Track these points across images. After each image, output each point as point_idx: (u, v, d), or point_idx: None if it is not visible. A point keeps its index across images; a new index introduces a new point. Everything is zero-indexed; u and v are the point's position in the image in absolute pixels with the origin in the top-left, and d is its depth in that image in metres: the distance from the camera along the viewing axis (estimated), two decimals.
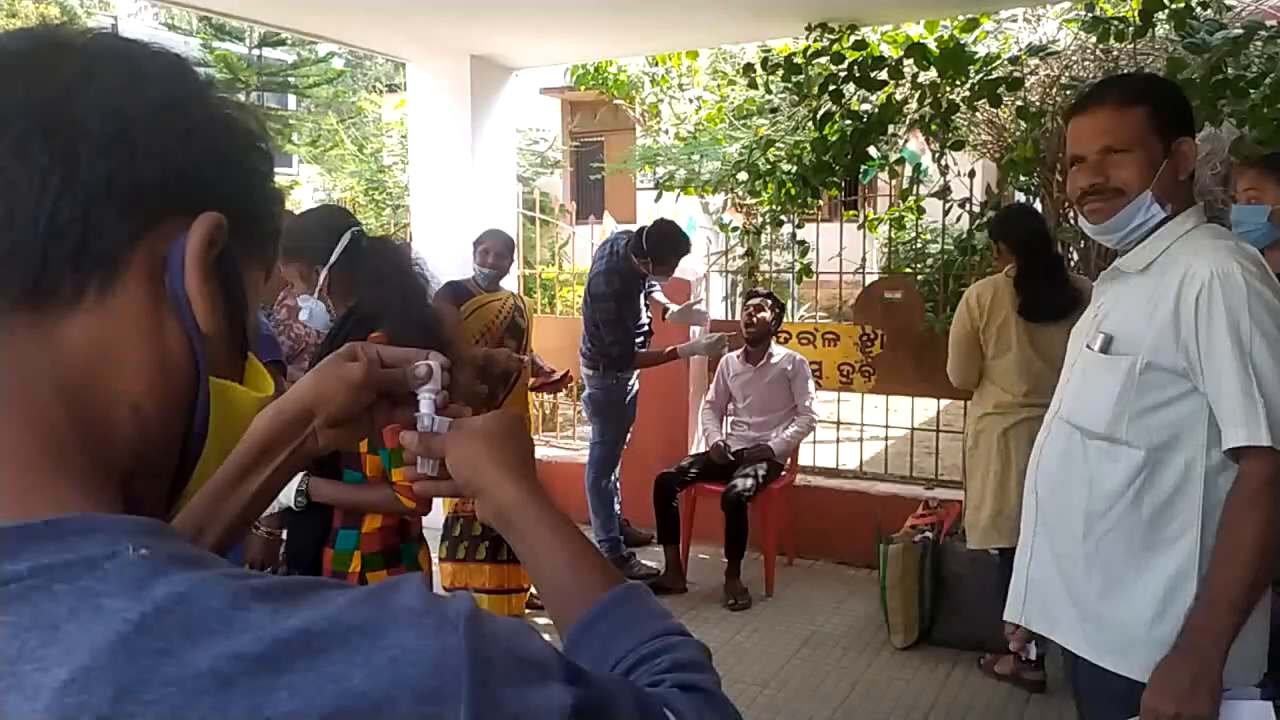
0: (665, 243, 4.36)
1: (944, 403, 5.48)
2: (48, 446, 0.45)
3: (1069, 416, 1.65)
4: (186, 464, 0.54)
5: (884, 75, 4.56)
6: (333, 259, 2.11)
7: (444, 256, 4.34)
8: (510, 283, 5.42)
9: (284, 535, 2.17)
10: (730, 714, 0.63)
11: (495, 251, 4.15)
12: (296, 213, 2.36)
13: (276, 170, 0.58)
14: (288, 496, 2.02)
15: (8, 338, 0.46)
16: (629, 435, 4.71)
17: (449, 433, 0.83)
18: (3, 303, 0.46)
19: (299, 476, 2.02)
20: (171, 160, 0.49)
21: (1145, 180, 1.57)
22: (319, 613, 0.43)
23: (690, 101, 7.23)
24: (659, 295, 4.79)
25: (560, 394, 4.88)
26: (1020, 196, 5.77)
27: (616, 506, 4.75)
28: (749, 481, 4.26)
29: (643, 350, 4.61)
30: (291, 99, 16.09)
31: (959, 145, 4.83)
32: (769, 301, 4.59)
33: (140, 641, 0.39)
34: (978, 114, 5.04)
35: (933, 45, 4.57)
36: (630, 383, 4.63)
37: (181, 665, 0.39)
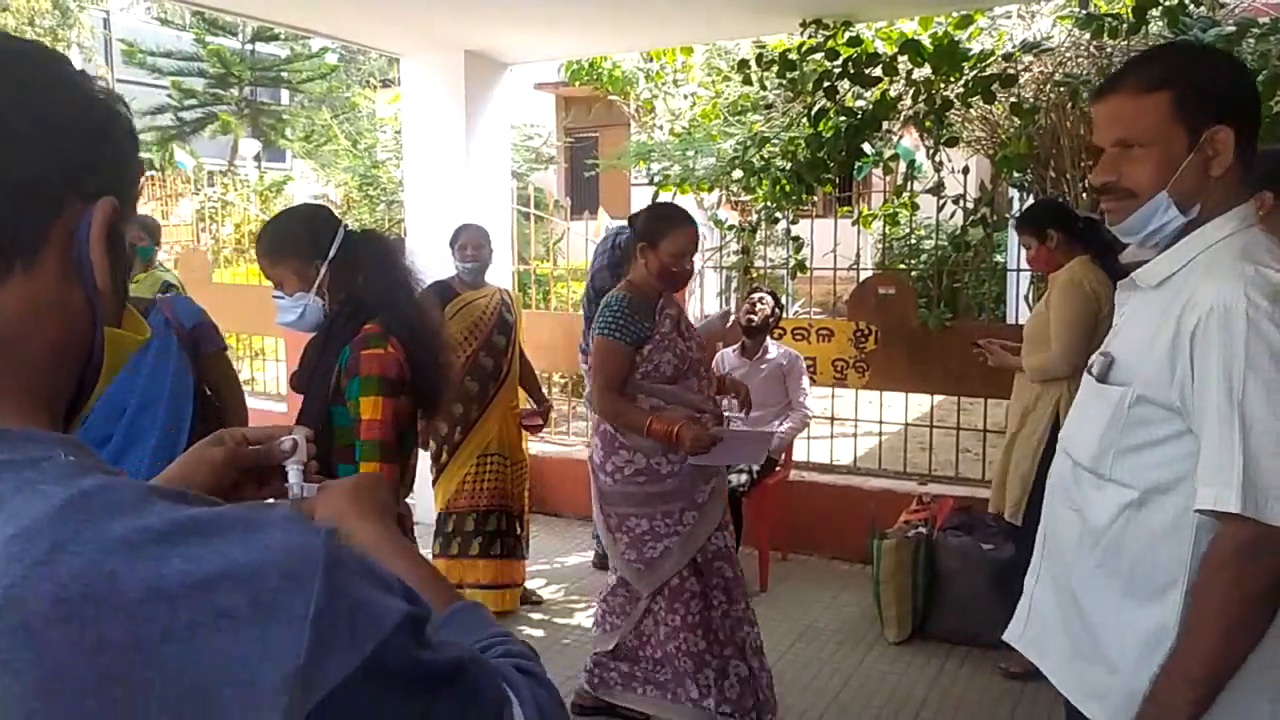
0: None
1: (937, 398, 5.50)
2: None
3: (1064, 443, 1.54)
4: (83, 394, 0.68)
5: (878, 72, 4.56)
6: (332, 253, 2.14)
7: (438, 252, 4.34)
8: (503, 278, 5.42)
9: None
10: (555, 697, 0.71)
11: (473, 244, 4.15)
12: (279, 213, 2.37)
13: (142, 150, 0.70)
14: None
15: None
16: None
17: (317, 494, 0.95)
18: None
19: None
20: (74, 156, 0.61)
21: (1160, 180, 1.38)
22: (209, 511, 0.55)
23: (685, 97, 7.23)
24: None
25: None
26: (1014, 193, 5.78)
27: None
28: (743, 477, 4.27)
29: None
30: (285, 94, 16.06)
31: (953, 142, 4.83)
32: (770, 298, 4.62)
33: (69, 514, 0.52)
34: (972, 110, 5.04)
35: (927, 42, 4.57)
36: None
37: (100, 531, 0.51)
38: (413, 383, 2.13)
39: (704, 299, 5.51)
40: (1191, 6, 4.08)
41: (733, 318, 4.53)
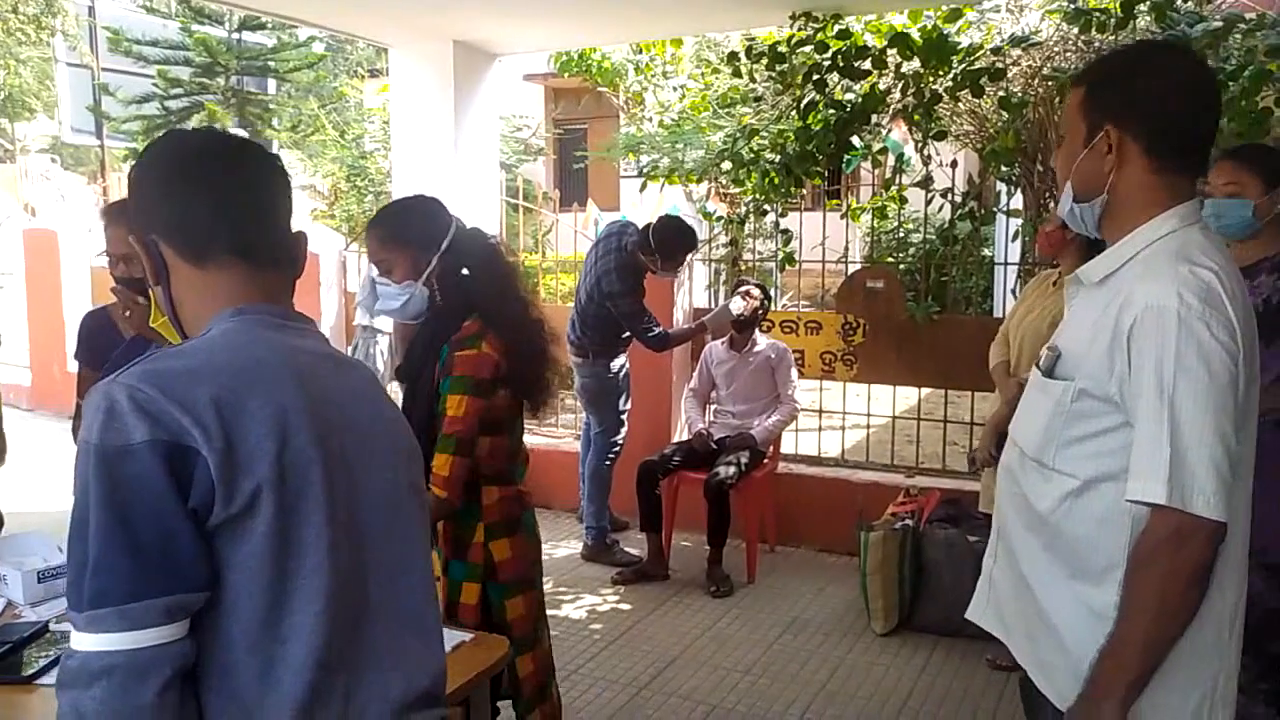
0: (673, 240, 4.40)
1: (925, 391, 5.52)
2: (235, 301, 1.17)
3: (1013, 432, 1.60)
4: None
5: (867, 65, 4.57)
6: (444, 246, 2.22)
7: None
8: None
9: None
10: None
11: None
12: (397, 200, 2.44)
13: None
14: None
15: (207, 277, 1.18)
16: (627, 413, 4.73)
17: None
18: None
19: None
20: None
21: (1065, 170, 1.49)
22: None
23: (674, 89, 7.23)
24: None
25: None
26: (1002, 187, 5.80)
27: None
28: (731, 469, 4.28)
29: (673, 330, 4.67)
30: (271, 83, 15.91)
31: (941, 135, 4.84)
32: (759, 290, 4.63)
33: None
34: (960, 104, 5.05)
35: (916, 35, 4.58)
36: (619, 364, 4.64)
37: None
38: (514, 376, 2.18)
39: (693, 291, 5.51)
40: (1179, 1, 4.09)
41: (736, 309, 4.53)
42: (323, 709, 1.08)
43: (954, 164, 4.81)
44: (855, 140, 4.79)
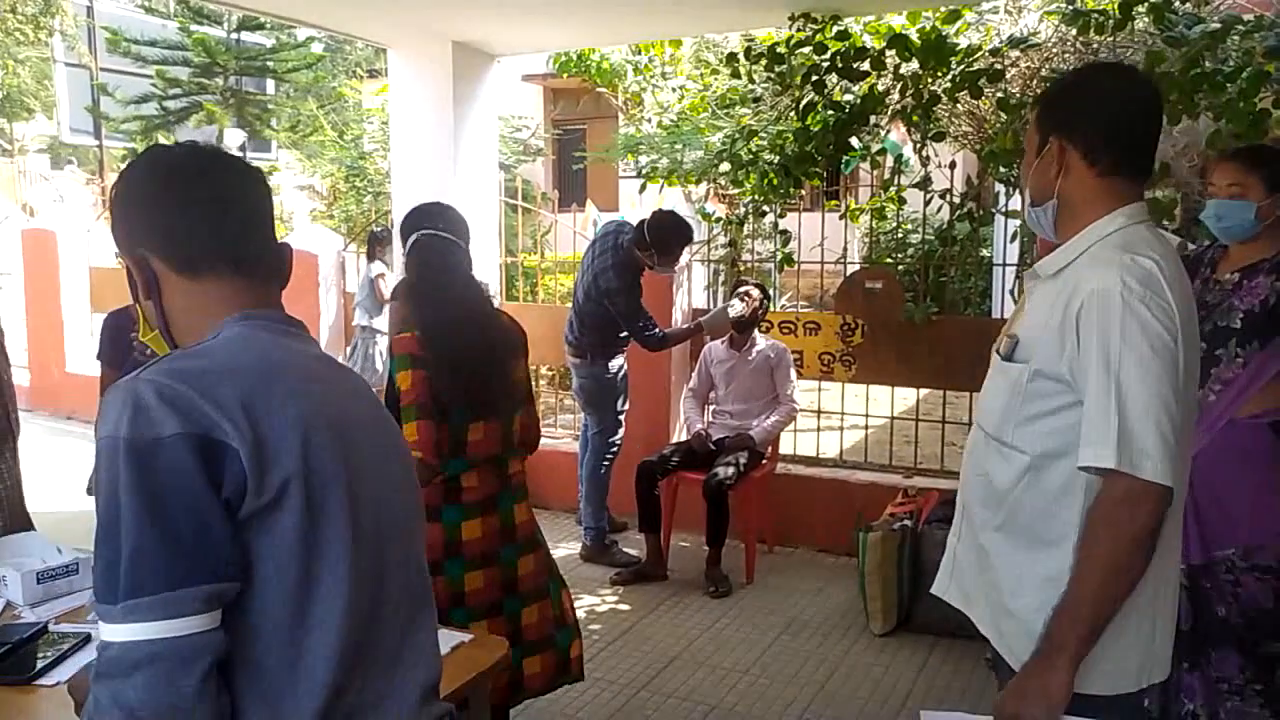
0: (668, 233, 4.40)
1: (923, 392, 5.53)
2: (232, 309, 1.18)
3: (975, 415, 1.72)
4: None
5: (866, 66, 4.57)
6: (404, 254, 2.58)
7: None
8: (491, 270, 5.42)
9: None
10: None
11: None
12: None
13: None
14: None
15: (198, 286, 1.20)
16: (624, 415, 4.73)
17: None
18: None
19: None
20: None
21: (1025, 178, 1.65)
22: None
23: (673, 90, 7.23)
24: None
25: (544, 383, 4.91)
26: (1000, 188, 5.80)
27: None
28: (730, 470, 4.29)
29: (670, 330, 4.69)
30: (270, 83, 15.91)
31: (940, 136, 4.85)
32: (758, 290, 4.63)
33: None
34: (959, 105, 5.06)
35: (914, 36, 4.58)
36: (618, 365, 4.64)
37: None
38: (432, 368, 2.40)
39: (691, 292, 5.51)
40: (1177, 3, 4.09)
41: (734, 310, 4.53)
42: (348, 698, 1.11)
43: (952, 165, 4.81)
44: (854, 141, 4.79)
